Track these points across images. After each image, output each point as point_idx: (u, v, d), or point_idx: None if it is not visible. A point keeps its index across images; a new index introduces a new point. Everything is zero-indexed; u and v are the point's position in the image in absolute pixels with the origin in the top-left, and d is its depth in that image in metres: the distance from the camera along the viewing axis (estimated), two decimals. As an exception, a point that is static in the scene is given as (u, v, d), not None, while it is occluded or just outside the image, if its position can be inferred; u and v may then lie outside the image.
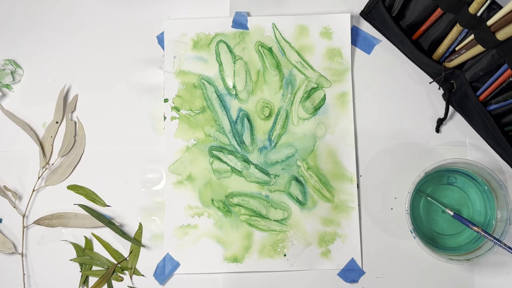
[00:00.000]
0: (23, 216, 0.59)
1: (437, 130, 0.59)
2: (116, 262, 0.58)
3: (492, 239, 0.50)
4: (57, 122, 0.60)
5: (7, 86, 0.61)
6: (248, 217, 0.58)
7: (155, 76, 0.61)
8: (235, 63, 0.60)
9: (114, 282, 0.58)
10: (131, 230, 0.59)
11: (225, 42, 0.60)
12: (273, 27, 0.60)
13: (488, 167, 0.52)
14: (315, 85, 0.60)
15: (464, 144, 0.59)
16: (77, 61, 0.62)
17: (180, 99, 0.60)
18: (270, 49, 0.60)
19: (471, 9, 0.50)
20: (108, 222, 0.57)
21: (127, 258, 0.58)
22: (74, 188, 0.59)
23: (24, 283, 0.58)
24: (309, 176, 0.58)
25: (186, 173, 0.59)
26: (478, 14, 0.50)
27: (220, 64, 0.60)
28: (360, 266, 0.57)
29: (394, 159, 0.59)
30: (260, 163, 0.59)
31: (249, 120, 0.59)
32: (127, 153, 0.60)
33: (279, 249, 0.57)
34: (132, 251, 0.58)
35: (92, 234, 0.59)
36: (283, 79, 0.60)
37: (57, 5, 0.62)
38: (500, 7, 0.49)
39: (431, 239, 0.56)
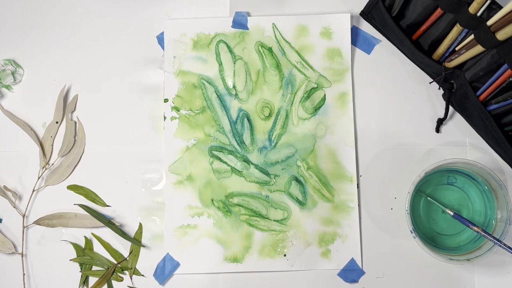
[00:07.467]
0: (23, 216, 0.59)
1: (437, 130, 0.59)
2: (116, 262, 0.58)
3: (492, 239, 0.50)
4: (57, 122, 0.60)
5: (7, 86, 0.61)
6: (248, 217, 0.58)
7: (155, 76, 0.61)
8: (235, 63, 0.60)
9: (114, 282, 0.58)
10: (131, 230, 0.59)
11: (225, 42, 0.60)
12: (273, 27, 0.60)
13: (488, 167, 0.52)
14: (315, 85, 0.60)
15: (464, 144, 0.58)
16: (77, 61, 0.62)
17: (180, 99, 0.60)
18: (270, 49, 0.60)
19: (471, 9, 0.50)
20: (108, 222, 0.57)
21: (127, 258, 0.58)
22: (74, 188, 0.59)
23: (24, 283, 0.58)
24: (309, 176, 0.58)
25: (186, 173, 0.59)
26: (478, 14, 0.50)
27: (220, 64, 0.60)
28: (360, 266, 0.57)
29: (394, 159, 0.59)
30: (260, 163, 0.59)
31: (249, 120, 0.59)
32: (127, 153, 0.60)
33: (279, 249, 0.57)
34: (132, 251, 0.58)
35: (92, 234, 0.59)
36: (283, 79, 0.60)
37: (57, 5, 0.62)
38: (500, 7, 0.49)
39: (431, 239, 0.56)
